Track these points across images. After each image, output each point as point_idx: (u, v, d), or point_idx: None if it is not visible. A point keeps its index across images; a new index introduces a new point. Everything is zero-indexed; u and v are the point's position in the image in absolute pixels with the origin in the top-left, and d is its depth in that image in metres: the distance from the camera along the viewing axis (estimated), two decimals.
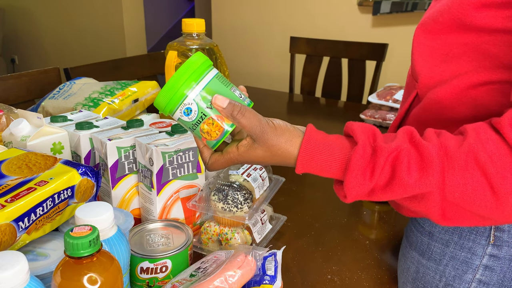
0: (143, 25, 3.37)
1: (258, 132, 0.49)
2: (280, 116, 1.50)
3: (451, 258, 0.56)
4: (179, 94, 0.47)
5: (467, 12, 0.48)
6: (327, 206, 0.86)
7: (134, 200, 0.72)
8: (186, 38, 0.98)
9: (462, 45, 0.50)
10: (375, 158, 0.44)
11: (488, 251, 0.53)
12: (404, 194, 0.43)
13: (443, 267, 0.57)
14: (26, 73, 1.25)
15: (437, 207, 0.43)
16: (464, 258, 0.55)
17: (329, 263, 0.69)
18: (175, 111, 0.48)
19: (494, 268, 0.53)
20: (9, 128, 0.70)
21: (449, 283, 0.56)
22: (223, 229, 0.68)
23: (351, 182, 0.44)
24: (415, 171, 0.42)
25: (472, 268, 0.54)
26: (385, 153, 0.43)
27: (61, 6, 3.51)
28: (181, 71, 0.47)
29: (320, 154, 0.47)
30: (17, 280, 0.37)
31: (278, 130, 0.50)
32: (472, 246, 0.54)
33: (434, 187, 0.42)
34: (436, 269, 0.58)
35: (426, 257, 0.59)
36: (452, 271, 0.56)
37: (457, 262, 0.55)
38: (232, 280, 0.51)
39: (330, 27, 2.46)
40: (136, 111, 1.05)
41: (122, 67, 1.51)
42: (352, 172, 0.44)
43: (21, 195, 0.49)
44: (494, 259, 0.52)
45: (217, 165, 0.51)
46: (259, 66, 2.82)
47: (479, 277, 0.54)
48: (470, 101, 0.51)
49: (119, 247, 0.48)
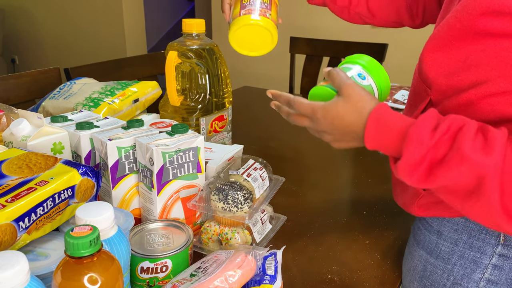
0: (143, 25, 3.37)
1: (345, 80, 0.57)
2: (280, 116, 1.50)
3: (459, 257, 0.56)
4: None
5: (477, 19, 0.48)
6: (327, 206, 0.86)
7: (134, 200, 0.72)
8: (186, 38, 0.98)
9: (479, 51, 0.49)
10: (440, 120, 0.46)
11: (497, 251, 0.53)
12: (460, 171, 0.43)
13: (451, 266, 0.57)
14: (27, 73, 1.25)
15: (495, 197, 0.42)
16: (473, 257, 0.55)
17: (329, 263, 0.69)
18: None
19: (503, 267, 0.53)
20: (9, 128, 0.70)
21: (457, 282, 0.56)
22: (223, 229, 0.68)
23: (412, 136, 0.46)
24: (478, 146, 0.43)
25: (481, 267, 0.54)
26: (450, 119, 0.46)
27: (61, 6, 3.51)
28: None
29: (391, 114, 0.51)
30: (18, 280, 0.37)
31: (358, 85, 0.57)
32: (481, 246, 0.54)
33: (492, 169, 0.42)
34: (444, 268, 0.58)
35: (434, 255, 0.59)
36: (461, 270, 0.56)
37: (466, 261, 0.55)
38: (232, 280, 0.51)
39: (330, 27, 2.46)
40: (136, 111, 1.05)
41: (122, 67, 1.51)
42: (416, 126, 0.47)
43: (22, 195, 0.49)
44: (504, 258, 0.52)
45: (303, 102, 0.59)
46: (259, 66, 2.82)
47: (488, 276, 0.54)
48: (489, 108, 0.50)
49: (119, 247, 0.48)
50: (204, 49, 0.98)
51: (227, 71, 1.04)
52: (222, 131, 1.05)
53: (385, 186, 0.95)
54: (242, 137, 1.19)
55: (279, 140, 1.22)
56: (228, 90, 1.05)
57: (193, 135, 0.69)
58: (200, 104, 1.00)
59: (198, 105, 1.00)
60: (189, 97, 1.00)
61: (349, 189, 0.94)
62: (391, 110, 0.52)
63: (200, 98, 1.00)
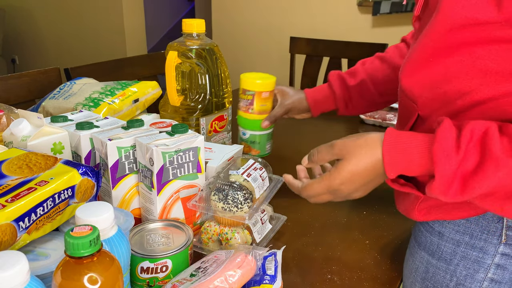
0: (143, 25, 3.37)
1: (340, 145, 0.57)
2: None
3: (462, 257, 0.56)
4: None
5: (447, 34, 0.49)
6: (327, 206, 0.86)
7: (134, 200, 0.72)
8: (186, 38, 0.98)
9: (457, 63, 0.50)
10: (460, 129, 0.46)
11: (500, 250, 0.53)
12: (498, 176, 0.43)
13: (454, 267, 0.57)
14: (27, 73, 1.25)
15: None
16: (475, 258, 0.55)
17: (329, 263, 0.69)
18: None
19: (507, 266, 0.53)
20: (9, 128, 0.70)
21: (460, 282, 0.56)
22: (223, 229, 0.68)
23: (438, 153, 0.45)
24: (508, 147, 0.43)
25: (484, 267, 0.54)
26: (470, 126, 0.46)
27: (61, 6, 3.52)
28: None
29: (403, 136, 0.50)
30: (18, 280, 0.37)
31: (350, 137, 0.56)
32: (483, 246, 0.54)
33: None
34: (446, 269, 0.57)
35: (436, 257, 0.59)
36: (464, 270, 0.56)
37: (469, 262, 0.55)
38: (232, 280, 0.51)
39: (330, 27, 2.46)
40: (136, 111, 1.05)
41: (122, 67, 1.51)
42: (439, 142, 0.46)
43: (22, 195, 0.49)
44: (507, 257, 0.53)
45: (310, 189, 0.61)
46: (259, 66, 2.82)
47: (491, 276, 0.54)
48: (480, 117, 0.50)
49: (119, 247, 0.49)
50: (204, 49, 0.98)
51: (227, 71, 1.04)
52: (222, 131, 1.05)
53: (385, 186, 0.95)
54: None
55: (279, 140, 1.22)
56: (228, 90, 1.05)
57: (193, 135, 0.69)
58: (200, 104, 1.00)
59: (198, 105, 1.00)
60: (189, 97, 1.00)
61: None
62: (401, 132, 0.52)
63: (200, 98, 1.00)
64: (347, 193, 0.58)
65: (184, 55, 0.96)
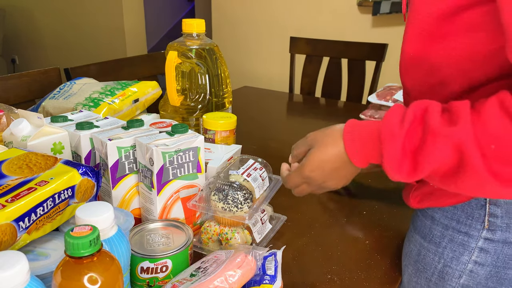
0: (143, 25, 3.37)
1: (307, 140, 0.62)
2: (280, 116, 1.50)
3: (449, 240, 0.59)
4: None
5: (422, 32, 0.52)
6: (327, 206, 0.86)
7: (134, 200, 0.72)
8: (186, 38, 0.98)
9: (436, 57, 0.53)
10: (406, 110, 0.49)
11: (483, 235, 0.56)
12: (438, 149, 0.45)
13: (442, 249, 0.60)
14: (27, 73, 1.25)
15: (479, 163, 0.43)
16: (461, 241, 0.58)
17: (329, 263, 0.69)
18: None
19: (489, 250, 0.56)
20: (9, 128, 0.70)
21: (447, 264, 0.59)
22: (223, 229, 0.68)
23: (385, 134, 0.49)
24: (446, 120, 0.45)
25: (468, 250, 0.57)
26: (413, 105, 0.49)
27: (61, 6, 3.52)
28: None
29: (361, 124, 0.55)
30: (18, 280, 0.37)
31: (322, 129, 0.61)
32: (468, 231, 0.57)
33: (465, 136, 0.44)
34: (435, 251, 0.61)
35: (428, 239, 0.62)
36: (450, 253, 0.59)
37: (455, 245, 0.58)
38: (232, 280, 0.51)
39: (330, 27, 2.46)
40: (136, 111, 1.05)
41: (122, 67, 1.51)
42: (385, 124, 0.49)
43: (22, 195, 0.49)
44: (489, 242, 0.56)
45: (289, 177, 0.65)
46: (259, 66, 2.82)
47: (475, 259, 0.57)
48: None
49: (119, 247, 0.49)
50: (204, 49, 0.98)
51: (227, 71, 1.04)
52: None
53: (385, 186, 0.95)
54: (242, 137, 1.19)
55: (279, 140, 1.22)
56: (228, 90, 1.05)
57: (193, 135, 0.69)
58: (200, 104, 1.00)
59: (198, 105, 1.00)
60: (189, 97, 1.00)
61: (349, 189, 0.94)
62: (359, 121, 0.56)
63: (200, 98, 1.00)
64: (320, 181, 0.60)
65: (184, 55, 0.96)
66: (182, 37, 0.99)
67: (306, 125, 1.34)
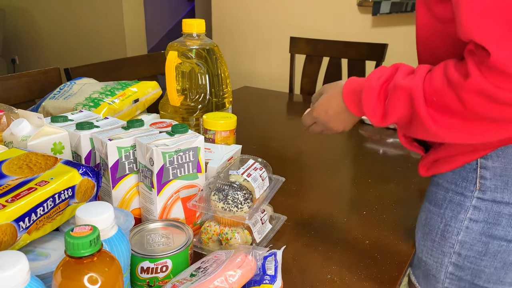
0: (143, 25, 3.37)
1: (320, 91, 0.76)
2: (280, 116, 1.50)
3: (449, 202, 0.68)
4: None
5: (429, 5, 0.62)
6: (327, 206, 0.86)
7: (134, 200, 0.72)
8: (186, 38, 0.98)
9: (428, 57, 0.65)
10: (385, 69, 0.63)
11: (475, 195, 0.65)
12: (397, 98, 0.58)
13: (443, 210, 0.69)
14: (27, 73, 1.25)
15: (423, 109, 0.55)
16: (458, 201, 0.67)
17: (329, 263, 0.69)
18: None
19: (481, 208, 0.64)
20: (9, 128, 0.70)
21: (447, 223, 0.68)
22: (223, 229, 0.68)
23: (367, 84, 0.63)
24: (407, 76, 0.59)
25: (464, 209, 0.66)
26: (391, 66, 0.63)
27: (61, 6, 3.52)
28: None
29: (355, 82, 0.67)
30: (18, 280, 0.37)
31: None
32: (463, 192, 0.66)
33: (415, 88, 0.56)
34: (438, 213, 0.69)
35: (433, 203, 0.71)
36: (450, 212, 0.68)
37: (454, 205, 0.67)
38: (232, 280, 0.51)
39: (330, 27, 2.46)
40: (136, 111, 1.05)
41: (123, 67, 1.51)
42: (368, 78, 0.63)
43: (22, 195, 0.49)
44: (481, 201, 0.64)
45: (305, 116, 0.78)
46: (259, 66, 2.82)
47: (470, 216, 0.65)
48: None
49: (119, 247, 0.49)
50: (204, 49, 0.98)
51: (227, 71, 1.04)
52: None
53: (385, 186, 0.95)
54: (242, 137, 1.19)
55: (279, 140, 1.22)
56: (228, 90, 1.05)
57: (193, 135, 0.69)
58: (200, 104, 1.00)
59: (198, 105, 1.00)
60: (189, 97, 1.00)
61: (349, 189, 0.94)
62: (357, 78, 0.68)
63: (200, 98, 1.00)
64: (325, 121, 0.73)
65: (184, 55, 0.96)
66: (182, 37, 0.99)
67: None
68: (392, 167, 1.05)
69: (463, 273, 0.68)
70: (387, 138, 1.24)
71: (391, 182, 0.97)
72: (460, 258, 0.68)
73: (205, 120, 0.92)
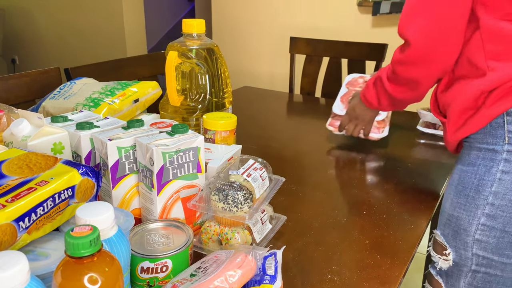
0: (143, 25, 3.37)
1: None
2: (280, 116, 1.50)
3: (482, 159, 0.75)
4: None
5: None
6: (327, 206, 0.86)
7: (134, 200, 0.72)
8: (186, 38, 0.98)
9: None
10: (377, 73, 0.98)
11: (505, 148, 0.72)
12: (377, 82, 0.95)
13: (477, 167, 0.76)
14: (27, 73, 1.25)
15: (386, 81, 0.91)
16: (490, 157, 0.74)
17: (329, 263, 0.69)
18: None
19: (511, 160, 0.72)
20: (9, 128, 0.70)
21: (481, 178, 0.75)
22: (223, 229, 0.68)
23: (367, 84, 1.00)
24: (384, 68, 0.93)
25: (496, 162, 0.73)
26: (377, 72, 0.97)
27: (61, 6, 3.52)
28: None
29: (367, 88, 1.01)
30: (18, 280, 0.37)
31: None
32: (494, 147, 0.74)
33: (382, 71, 0.92)
34: (472, 170, 0.77)
35: (466, 164, 0.79)
36: (483, 168, 0.75)
37: (486, 161, 0.75)
38: (232, 280, 0.51)
39: (330, 27, 2.46)
40: (136, 111, 1.05)
41: (123, 67, 1.51)
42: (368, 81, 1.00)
43: (22, 195, 0.49)
44: (510, 153, 0.72)
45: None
46: (259, 66, 2.82)
47: (502, 168, 0.73)
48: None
49: (119, 247, 0.49)
50: (204, 49, 0.98)
51: (227, 71, 1.04)
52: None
53: (385, 186, 0.95)
54: (242, 137, 1.19)
55: (279, 140, 1.22)
56: (228, 90, 1.05)
57: (193, 135, 0.69)
58: (200, 104, 1.00)
59: (198, 105, 1.00)
60: (189, 97, 1.00)
61: (349, 189, 0.94)
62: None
63: (200, 98, 1.00)
64: (355, 116, 1.09)
65: (184, 55, 0.96)
66: (182, 37, 0.99)
67: (306, 125, 1.34)
68: (392, 167, 1.05)
69: (495, 222, 0.74)
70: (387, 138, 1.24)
71: (391, 182, 0.97)
72: (493, 208, 0.74)
73: (205, 120, 0.92)
